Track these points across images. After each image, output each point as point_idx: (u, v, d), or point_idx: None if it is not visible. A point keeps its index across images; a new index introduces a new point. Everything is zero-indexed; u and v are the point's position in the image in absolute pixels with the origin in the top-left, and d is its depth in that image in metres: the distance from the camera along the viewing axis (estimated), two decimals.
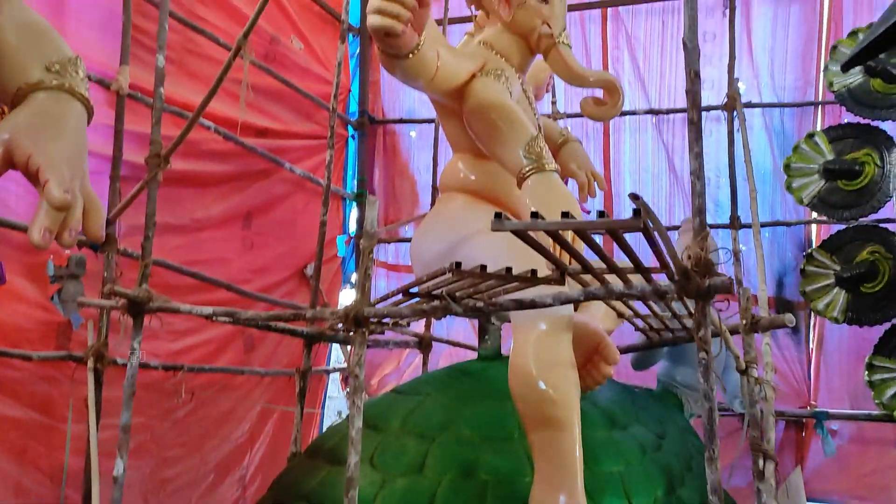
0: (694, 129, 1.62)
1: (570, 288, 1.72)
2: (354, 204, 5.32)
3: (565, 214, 1.19)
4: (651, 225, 1.15)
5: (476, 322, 3.25)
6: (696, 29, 1.64)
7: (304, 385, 2.92)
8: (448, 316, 1.92)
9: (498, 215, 1.19)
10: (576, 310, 2.24)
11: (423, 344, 3.79)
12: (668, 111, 4.84)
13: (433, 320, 3.89)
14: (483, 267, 1.52)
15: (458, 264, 1.47)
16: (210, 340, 3.84)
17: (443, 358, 4.75)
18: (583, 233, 1.31)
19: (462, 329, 4.79)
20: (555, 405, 1.85)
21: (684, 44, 1.64)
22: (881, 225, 3.69)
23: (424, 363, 3.88)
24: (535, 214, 1.20)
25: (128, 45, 3.26)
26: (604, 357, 2.15)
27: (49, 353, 3.02)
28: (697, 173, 1.60)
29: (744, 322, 2.26)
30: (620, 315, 2.51)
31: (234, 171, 4.13)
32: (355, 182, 5.40)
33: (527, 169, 2.13)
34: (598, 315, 2.51)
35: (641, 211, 1.10)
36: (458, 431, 2.23)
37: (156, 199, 2.49)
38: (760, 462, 2.17)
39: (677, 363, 3.33)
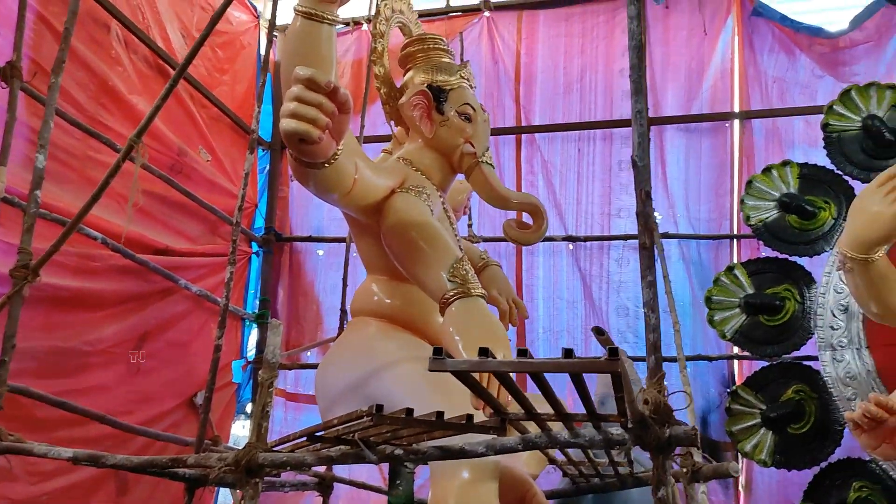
0: (646, 255, 1.45)
1: None
2: (255, 325, 4.98)
3: (522, 353, 0.97)
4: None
5: None
6: (648, 146, 1.50)
7: None
8: None
9: (437, 351, 0.95)
10: None
11: (324, 485, 3.42)
12: (586, 238, 4.77)
13: None
14: (409, 411, 1.26)
15: (380, 407, 1.21)
16: (77, 483, 3.34)
17: (343, 500, 4.35)
18: (537, 374, 1.08)
19: (366, 468, 4.41)
20: None
21: (634, 162, 1.49)
22: (805, 363, 3.61)
23: None
24: (483, 351, 0.97)
25: (9, 143, 2.94)
26: None
27: None
28: (652, 304, 1.42)
29: (685, 471, 2.07)
30: (552, 461, 2.27)
31: (133, 290, 3.81)
32: (257, 302, 5.08)
33: (451, 293, 1.94)
34: (522, 457, 2.28)
35: (619, 351, 0.88)
36: None
37: (18, 317, 2.14)
38: None
39: None
